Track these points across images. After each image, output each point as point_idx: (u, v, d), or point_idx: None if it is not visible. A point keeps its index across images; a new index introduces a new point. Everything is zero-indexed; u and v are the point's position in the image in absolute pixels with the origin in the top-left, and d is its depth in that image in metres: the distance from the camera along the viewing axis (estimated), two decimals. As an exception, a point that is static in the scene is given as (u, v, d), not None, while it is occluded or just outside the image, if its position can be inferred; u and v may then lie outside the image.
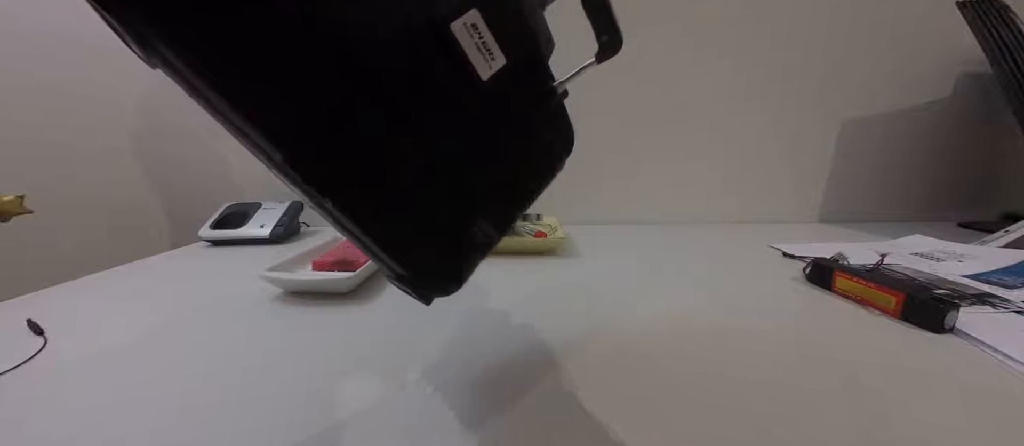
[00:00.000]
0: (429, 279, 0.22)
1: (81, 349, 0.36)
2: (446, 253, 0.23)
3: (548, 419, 0.25)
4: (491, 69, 0.21)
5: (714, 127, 0.83)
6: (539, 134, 0.25)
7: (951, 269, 0.49)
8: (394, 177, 0.20)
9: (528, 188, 0.26)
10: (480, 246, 0.24)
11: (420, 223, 0.22)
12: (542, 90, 0.24)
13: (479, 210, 0.23)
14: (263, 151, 0.18)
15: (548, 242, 0.61)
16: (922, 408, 0.26)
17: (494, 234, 0.24)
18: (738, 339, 0.35)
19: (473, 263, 0.24)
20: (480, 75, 0.21)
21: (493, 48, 0.21)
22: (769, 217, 0.85)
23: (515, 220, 0.26)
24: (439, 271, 0.23)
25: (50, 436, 0.25)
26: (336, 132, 0.18)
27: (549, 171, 0.26)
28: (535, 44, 0.23)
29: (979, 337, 0.33)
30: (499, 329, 0.37)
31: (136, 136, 0.87)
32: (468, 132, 0.22)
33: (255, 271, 0.46)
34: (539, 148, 0.25)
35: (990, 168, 0.82)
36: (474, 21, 0.20)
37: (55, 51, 0.79)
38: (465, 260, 0.23)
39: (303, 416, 0.26)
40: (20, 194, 0.39)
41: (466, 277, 0.24)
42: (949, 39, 0.75)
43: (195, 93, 0.17)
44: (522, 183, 0.25)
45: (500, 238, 0.24)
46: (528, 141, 0.25)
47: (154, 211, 0.90)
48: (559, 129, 0.26)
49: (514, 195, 0.25)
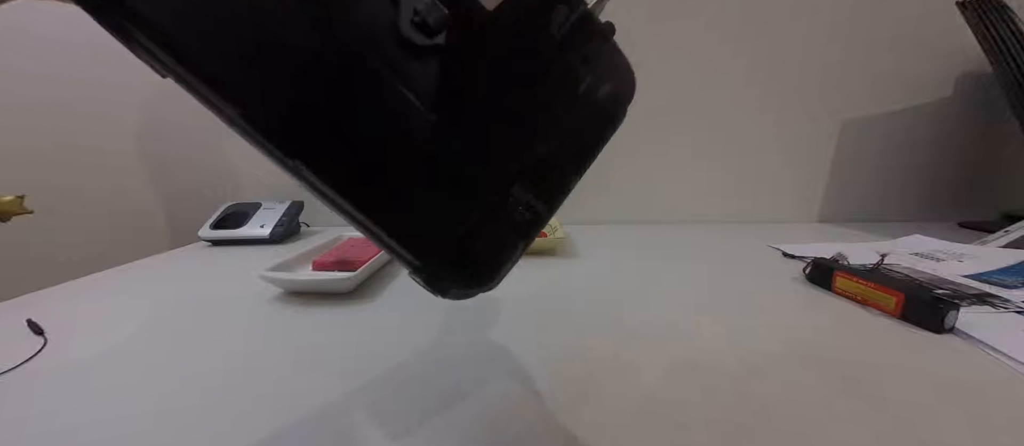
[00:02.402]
0: (452, 271, 0.17)
1: (81, 349, 0.36)
2: (474, 236, 0.17)
3: (548, 419, 0.25)
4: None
5: (714, 127, 0.83)
6: (578, 71, 0.19)
7: (951, 269, 0.49)
8: (396, 151, 0.16)
9: (578, 143, 0.20)
10: (521, 224, 0.18)
11: (436, 193, 0.17)
12: (571, 13, 0.19)
13: (511, 180, 0.18)
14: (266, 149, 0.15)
15: (548, 242, 0.61)
16: (922, 408, 0.26)
17: (540, 207, 0.19)
18: (738, 339, 0.35)
19: (511, 248, 0.18)
20: (483, 3, 0.17)
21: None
22: (769, 217, 0.85)
23: (568, 186, 0.20)
24: (466, 261, 0.18)
25: (50, 436, 0.25)
26: (331, 115, 0.16)
27: (604, 118, 0.21)
28: None
29: (979, 337, 0.33)
30: (499, 329, 0.37)
31: (136, 136, 0.87)
32: (477, 76, 0.18)
33: (255, 271, 0.46)
34: (581, 89, 0.20)
35: (990, 168, 0.82)
36: None
37: (56, 51, 0.79)
38: (499, 241, 0.18)
39: (303, 416, 0.26)
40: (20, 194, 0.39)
41: (503, 269, 0.18)
42: (949, 39, 0.74)
43: (206, 103, 0.15)
44: (567, 137, 0.20)
45: (551, 211, 0.19)
46: (564, 81, 0.19)
47: (154, 211, 0.90)
48: (608, 65, 0.20)
49: (559, 153, 0.19)
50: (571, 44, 0.19)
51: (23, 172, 0.77)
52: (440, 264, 0.17)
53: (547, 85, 0.19)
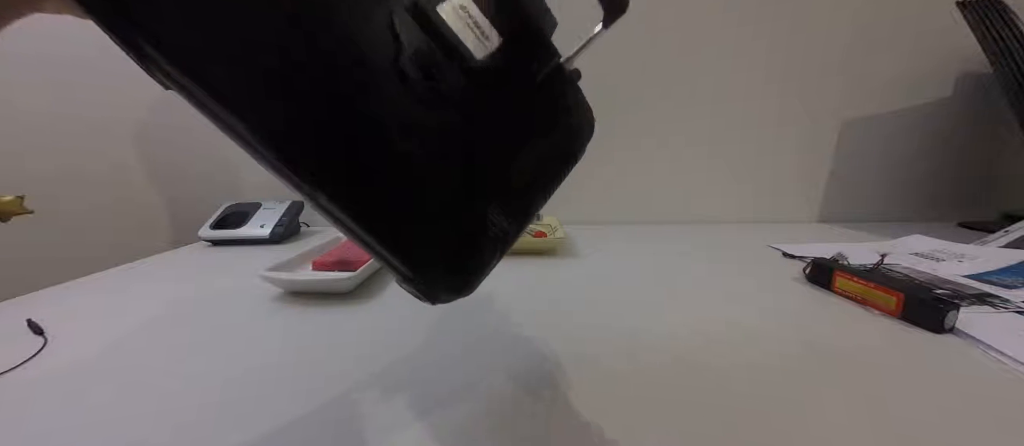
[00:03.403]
0: (437, 280, 0.20)
1: (81, 349, 0.36)
2: (454, 250, 0.21)
3: (548, 418, 0.25)
4: (486, 49, 0.20)
5: (714, 127, 0.83)
6: (549, 115, 0.23)
7: (951, 269, 0.49)
8: (393, 172, 0.19)
9: (545, 175, 0.23)
10: (494, 240, 0.22)
11: (424, 219, 0.20)
12: (546, 67, 0.22)
13: (488, 201, 0.21)
14: (262, 156, 0.17)
15: (548, 242, 0.61)
16: (922, 408, 0.26)
17: (509, 227, 0.22)
18: (738, 339, 0.35)
19: (487, 260, 0.22)
20: (474, 55, 0.20)
21: (485, 26, 0.20)
22: (769, 217, 0.85)
23: (533, 211, 0.23)
24: (448, 268, 0.21)
25: (50, 436, 0.25)
26: (333, 133, 0.18)
27: (567, 155, 0.24)
28: (532, 19, 0.22)
29: (979, 337, 0.33)
30: (499, 329, 0.37)
31: (137, 136, 0.87)
32: (466, 117, 0.21)
33: (255, 271, 0.46)
34: (551, 130, 0.23)
35: (990, 168, 0.82)
36: (462, 2, 0.20)
37: (57, 51, 0.79)
38: (477, 255, 0.21)
39: (303, 416, 0.26)
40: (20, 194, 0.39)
41: (479, 277, 0.22)
42: (949, 39, 0.74)
43: (207, 113, 0.16)
44: (536, 170, 0.23)
45: (518, 232, 0.22)
46: (536, 124, 0.23)
47: (154, 211, 0.90)
48: (573, 109, 0.24)
49: (527, 183, 0.23)
50: (548, 91, 0.23)
51: (23, 172, 0.77)
52: (434, 275, 0.20)
53: (526, 124, 0.23)
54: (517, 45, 0.21)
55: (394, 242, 0.19)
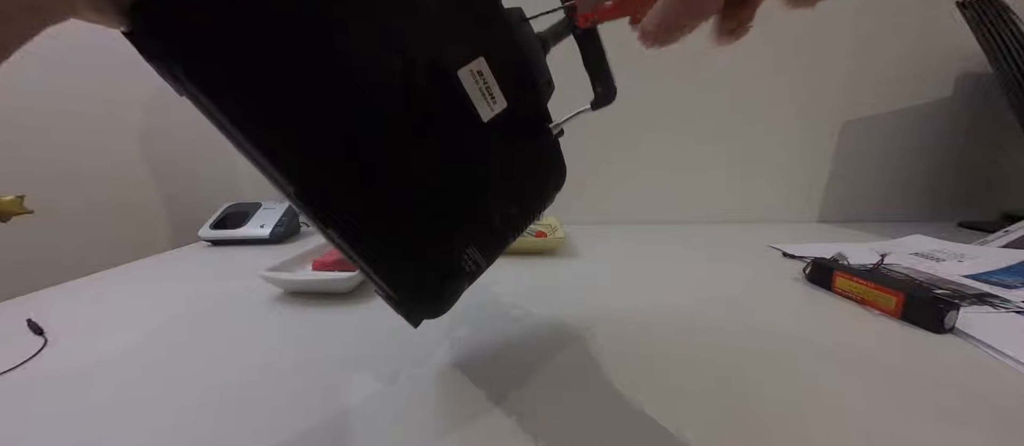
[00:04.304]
0: (418, 303, 0.24)
1: (81, 349, 0.36)
2: (436, 279, 0.24)
3: (548, 418, 0.25)
4: (492, 111, 0.22)
5: (714, 127, 0.83)
6: (533, 172, 0.27)
7: (951, 269, 0.49)
8: (393, 207, 0.22)
9: (518, 222, 0.27)
10: (469, 274, 0.25)
11: (415, 250, 0.23)
12: (539, 131, 0.26)
13: (470, 240, 0.24)
14: (274, 179, 0.19)
15: (548, 242, 0.61)
16: (922, 408, 0.26)
17: (483, 263, 0.25)
18: (738, 339, 0.35)
19: (460, 290, 0.25)
20: (481, 116, 0.22)
21: (495, 92, 0.22)
22: (769, 217, 0.85)
23: (503, 250, 0.27)
24: (428, 296, 0.24)
25: (50, 436, 0.25)
26: (344, 166, 0.20)
27: (539, 206, 0.28)
28: (535, 88, 0.25)
29: (979, 337, 0.33)
30: (499, 329, 0.37)
31: (137, 136, 0.87)
32: (466, 168, 0.23)
33: (255, 271, 0.46)
34: (532, 185, 0.27)
35: (990, 168, 0.82)
36: (480, 68, 0.21)
37: (58, 51, 0.79)
38: (454, 287, 0.25)
39: (303, 416, 0.26)
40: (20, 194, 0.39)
41: (452, 302, 0.25)
42: (949, 39, 0.74)
43: (217, 124, 0.18)
44: (513, 216, 0.26)
45: (488, 265, 0.26)
46: (523, 178, 0.26)
47: (154, 210, 0.90)
48: (552, 167, 0.28)
49: (504, 228, 0.26)
50: (535, 150, 0.26)
51: (23, 172, 0.77)
52: (418, 301, 0.24)
53: (513, 177, 0.26)
54: (519, 110, 0.24)
55: (387, 267, 0.22)
